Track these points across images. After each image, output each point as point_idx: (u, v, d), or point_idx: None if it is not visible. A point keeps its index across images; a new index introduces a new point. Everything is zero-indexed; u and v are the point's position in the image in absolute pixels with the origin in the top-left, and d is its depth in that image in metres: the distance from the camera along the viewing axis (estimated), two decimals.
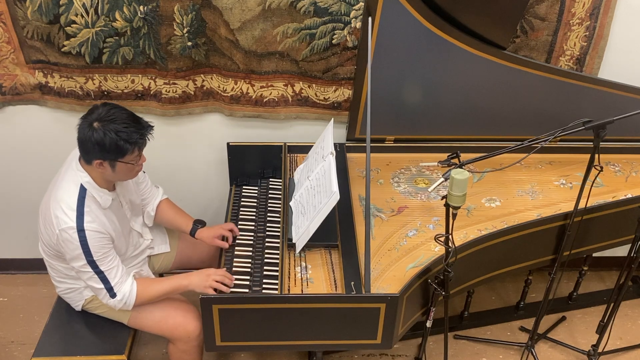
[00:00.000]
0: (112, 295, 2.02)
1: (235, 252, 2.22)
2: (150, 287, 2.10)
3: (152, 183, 2.38)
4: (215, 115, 2.69)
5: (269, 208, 2.43)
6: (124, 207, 2.16)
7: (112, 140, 1.86)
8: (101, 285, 2.00)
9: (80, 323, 2.28)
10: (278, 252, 2.19)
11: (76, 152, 2.05)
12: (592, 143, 2.02)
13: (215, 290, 2.01)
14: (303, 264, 2.13)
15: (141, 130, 1.92)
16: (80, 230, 1.91)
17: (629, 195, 2.46)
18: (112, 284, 2.00)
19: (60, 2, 2.31)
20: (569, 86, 2.44)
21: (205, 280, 2.02)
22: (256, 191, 2.55)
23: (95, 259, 1.95)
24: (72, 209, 1.93)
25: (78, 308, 2.27)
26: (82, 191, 1.96)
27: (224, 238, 2.27)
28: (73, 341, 2.22)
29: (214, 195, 2.91)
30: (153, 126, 1.98)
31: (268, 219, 2.37)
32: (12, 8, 2.34)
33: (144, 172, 2.31)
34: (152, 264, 2.43)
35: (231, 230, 2.27)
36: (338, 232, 2.22)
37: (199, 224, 2.35)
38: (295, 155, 2.65)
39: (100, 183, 2.00)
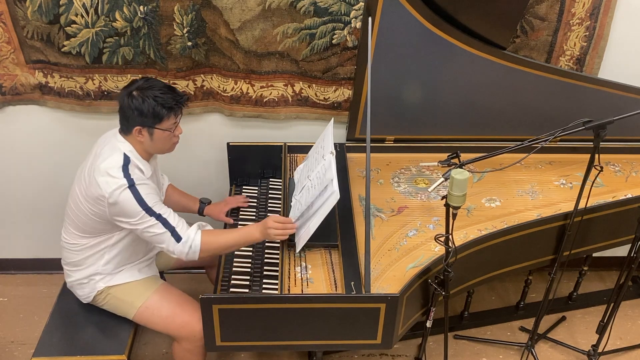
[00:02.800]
0: (177, 238, 2.03)
1: (236, 252, 2.22)
2: (217, 237, 2.09)
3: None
4: (215, 115, 2.69)
5: (269, 208, 2.43)
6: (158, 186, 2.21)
7: (150, 105, 1.96)
8: (164, 230, 2.02)
9: (80, 323, 2.28)
10: (278, 252, 2.19)
11: (110, 134, 2.12)
12: (592, 143, 2.02)
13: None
14: (303, 264, 2.14)
15: (177, 97, 2.02)
16: (132, 186, 1.98)
17: (629, 195, 2.46)
18: (174, 226, 2.03)
19: (60, 2, 2.31)
20: (569, 86, 2.44)
21: (267, 235, 2.04)
22: (256, 191, 2.55)
23: (151, 206, 2.00)
24: (119, 171, 1.99)
25: (87, 300, 2.27)
26: (126, 159, 2.03)
27: (228, 214, 2.40)
28: (73, 341, 2.22)
29: (214, 195, 2.91)
30: (188, 97, 2.06)
31: None
32: (12, 8, 2.34)
33: None
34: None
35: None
36: (338, 232, 2.22)
37: (205, 201, 2.46)
38: (295, 155, 2.65)
39: (141, 154, 2.07)
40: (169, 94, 2.00)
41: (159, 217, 2.01)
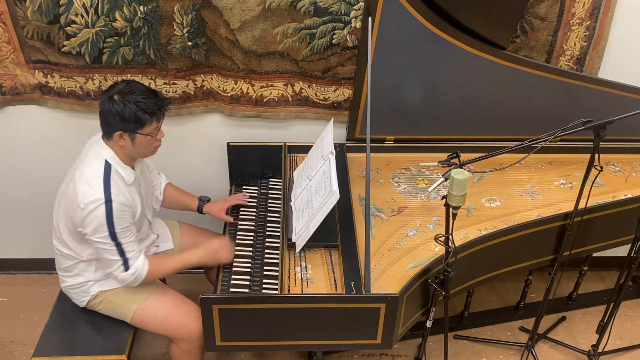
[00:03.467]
0: (126, 268, 2.05)
1: (236, 252, 2.22)
2: (161, 264, 2.15)
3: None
4: (215, 115, 2.69)
5: (269, 208, 2.43)
6: (142, 190, 2.19)
7: (131, 111, 1.94)
8: (117, 257, 2.03)
9: (80, 323, 2.28)
10: (278, 252, 2.19)
11: (96, 137, 2.10)
12: (592, 143, 2.02)
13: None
14: (303, 264, 2.13)
15: (159, 102, 2.00)
16: (108, 202, 1.96)
17: (629, 195, 2.46)
18: (128, 257, 2.04)
19: (60, 2, 2.31)
20: (569, 86, 2.44)
21: (213, 258, 2.13)
22: (256, 191, 2.55)
23: (117, 231, 1.99)
24: (99, 182, 1.98)
25: (82, 304, 2.27)
26: (107, 166, 2.01)
27: (228, 212, 2.39)
28: (73, 341, 2.22)
29: (214, 195, 2.89)
30: (170, 99, 2.05)
31: (268, 219, 2.37)
32: (12, 8, 2.34)
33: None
34: None
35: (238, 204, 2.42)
36: (338, 232, 2.22)
37: (204, 199, 2.45)
38: (295, 155, 2.65)
39: (123, 159, 2.05)
40: (151, 98, 1.97)
41: (118, 245, 2.01)
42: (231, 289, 2.05)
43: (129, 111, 1.93)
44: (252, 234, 2.31)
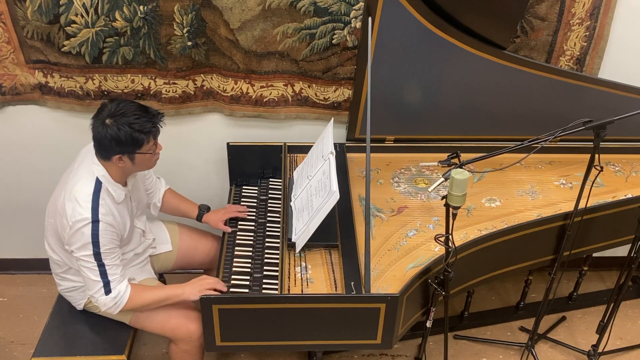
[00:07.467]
0: (107, 291, 2.01)
1: (235, 252, 2.22)
2: (144, 293, 2.09)
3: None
4: (215, 115, 2.69)
5: (269, 208, 2.43)
6: (132, 203, 2.18)
7: (126, 134, 1.90)
8: (99, 279, 1.99)
9: (80, 323, 2.28)
10: (278, 252, 2.19)
11: (90, 148, 2.07)
12: (592, 143, 2.02)
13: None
14: (303, 264, 2.13)
15: (153, 119, 1.96)
16: (95, 222, 1.94)
17: (629, 195, 2.46)
18: (110, 279, 2.01)
19: (60, 2, 2.31)
20: (569, 86, 2.44)
21: (199, 286, 2.03)
22: (256, 191, 2.55)
23: (101, 251, 1.96)
24: (87, 201, 1.95)
25: (79, 307, 2.28)
26: (98, 184, 1.99)
27: (226, 222, 2.33)
28: (73, 341, 2.22)
29: (213, 195, 2.91)
30: (163, 113, 2.02)
31: (268, 219, 2.37)
32: (12, 8, 2.34)
33: None
34: (152, 263, 2.43)
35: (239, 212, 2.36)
36: (338, 232, 2.22)
37: (204, 208, 2.41)
38: (295, 155, 2.65)
39: (115, 178, 2.03)
40: (144, 117, 1.93)
41: (100, 266, 1.98)
42: (231, 289, 2.05)
43: (124, 134, 1.89)
44: (252, 234, 2.31)
